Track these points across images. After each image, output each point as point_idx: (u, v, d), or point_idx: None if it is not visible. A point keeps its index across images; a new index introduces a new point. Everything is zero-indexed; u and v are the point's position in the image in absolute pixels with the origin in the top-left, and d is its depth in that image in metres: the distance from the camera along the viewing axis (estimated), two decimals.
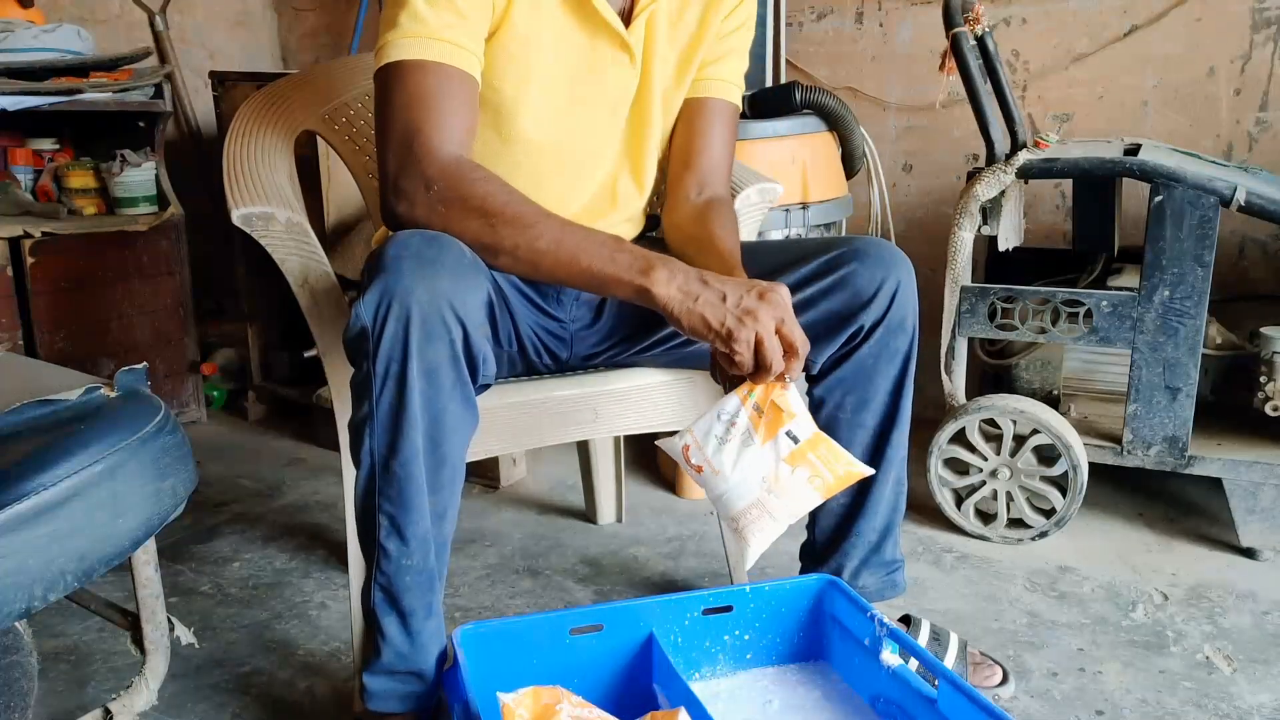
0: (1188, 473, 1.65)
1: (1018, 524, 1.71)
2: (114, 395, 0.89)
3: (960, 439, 1.72)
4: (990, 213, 1.72)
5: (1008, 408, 1.67)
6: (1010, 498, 1.70)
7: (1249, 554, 1.64)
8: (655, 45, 1.19)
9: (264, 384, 2.50)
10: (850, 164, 2.04)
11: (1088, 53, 2.15)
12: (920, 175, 2.37)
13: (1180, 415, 1.63)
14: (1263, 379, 1.63)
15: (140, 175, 2.26)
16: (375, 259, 0.97)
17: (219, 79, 2.43)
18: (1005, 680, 1.26)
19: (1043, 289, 1.70)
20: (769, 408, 1.00)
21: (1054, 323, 1.68)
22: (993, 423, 1.70)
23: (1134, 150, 1.69)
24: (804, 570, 1.33)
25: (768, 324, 0.96)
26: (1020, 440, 1.68)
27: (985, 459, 1.71)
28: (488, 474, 2.00)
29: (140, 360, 1.18)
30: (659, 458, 2.07)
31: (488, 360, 1.00)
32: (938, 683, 0.96)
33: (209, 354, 2.57)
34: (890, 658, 1.03)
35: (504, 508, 1.91)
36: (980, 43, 1.75)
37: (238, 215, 1.16)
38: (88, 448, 0.80)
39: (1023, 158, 1.69)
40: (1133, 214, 1.98)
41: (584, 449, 1.77)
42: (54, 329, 2.13)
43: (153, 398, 0.91)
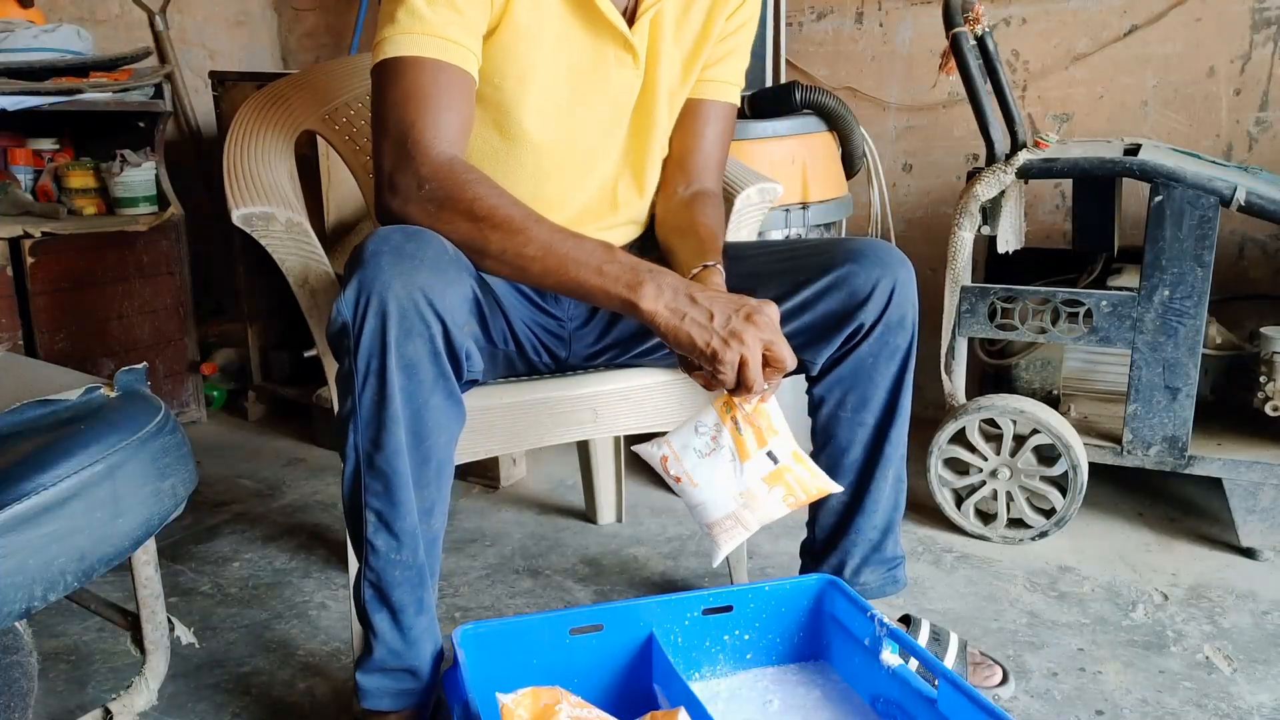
0: (1188, 473, 1.65)
1: (1018, 524, 1.71)
2: (114, 395, 0.90)
3: (960, 439, 1.72)
4: (990, 212, 1.72)
5: (1008, 408, 1.67)
6: (1010, 498, 1.70)
7: (1249, 554, 1.64)
8: (660, 46, 1.19)
9: (264, 384, 2.50)
10: (850, 164, 2.04)
11: (1087, 53, 2.15)
12: (920, 175, 2.37)
13: (1180, 415, 1.63)
14: (1263, 379, 1.63)
15: (140, 175, 2.26)
16: (356, 254, 0.97)
17: (219, 79, 2.43)
18: (1005, 680, 1.26)
19: (1043, 289, 1.70)
20: (749, 425, 1.01)
21: (1054, 323, 1.68)
22: (993, 423, 1.70)
23: (1134, 150, 1.69)
24: (804, 568, 1.33)
25: (754, 348, 0.96)
26: (1020, 440, 1.68)
27: (985, 459, 1.71)
28: (488, 474, 2.00)
29: (140, 360, 1.18)
30: None
31: (472, 356, 1.00)
32: (938, 683, 0.96)
33: (209, 354, 2.57)
34: (890, 658, 1.03)
35: (504, 507, 1.90)
36: (980, 43, 1.75)
37: (238, 215, 1.16)
38: (88, 448, 0.80)
39: (1023, 158, 1.69)
40: (1133, 214, 1.98)
41: (584, 449, 1.77)
42: (54, 329, 2.12)
43: (153, 398, 0.91)
